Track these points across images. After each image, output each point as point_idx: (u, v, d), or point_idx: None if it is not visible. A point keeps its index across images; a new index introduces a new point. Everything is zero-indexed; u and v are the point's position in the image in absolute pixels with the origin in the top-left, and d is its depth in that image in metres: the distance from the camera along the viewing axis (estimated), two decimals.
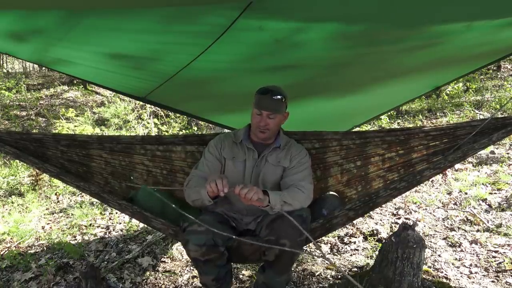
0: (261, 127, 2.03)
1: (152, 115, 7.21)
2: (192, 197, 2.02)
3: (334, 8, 1.56)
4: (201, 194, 1.94)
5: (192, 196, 2.02)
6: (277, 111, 2.02)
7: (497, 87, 8.18)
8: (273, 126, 2.04)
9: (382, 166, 2.35)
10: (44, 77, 10.89)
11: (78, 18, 1.66)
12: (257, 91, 2.04)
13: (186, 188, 2.08)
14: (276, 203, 1.89)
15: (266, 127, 2.03)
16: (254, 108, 2.04)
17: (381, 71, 2.48)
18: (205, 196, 1.92)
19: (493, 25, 1.83)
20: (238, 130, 2.23)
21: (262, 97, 2.00)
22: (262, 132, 2.05)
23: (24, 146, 2.31)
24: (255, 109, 2.03)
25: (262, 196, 1.83)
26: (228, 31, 1.71)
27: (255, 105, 2.03)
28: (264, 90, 2.02)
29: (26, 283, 2.75)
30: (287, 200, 1.94)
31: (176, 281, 2.72)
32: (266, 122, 2.02)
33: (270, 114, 2.01)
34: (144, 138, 2.56)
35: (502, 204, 3.59)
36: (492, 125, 2.04)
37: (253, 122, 2.07)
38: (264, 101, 2.00)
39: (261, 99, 2.00)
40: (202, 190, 1.93)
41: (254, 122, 2.06)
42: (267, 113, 2.00)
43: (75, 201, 4.37)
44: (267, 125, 2.02)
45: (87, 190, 2.21)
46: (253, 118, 2.07)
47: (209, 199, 1.93)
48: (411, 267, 2.26)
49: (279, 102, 2.00)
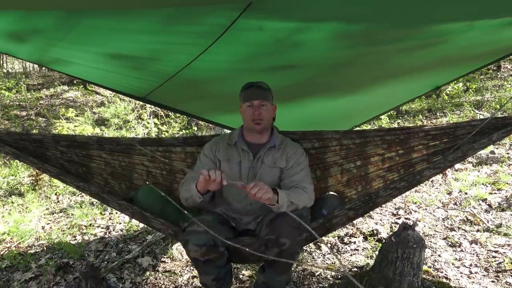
0: (255, 118, 2.04)
1: (152, 115, 7.21)
2: (184, 196, 2.03)
3: (334, 8, 1.56)
4: (191, 190, 1.95)
5: (184, 195, 2.04)
6: (267, 98, 2.05)
7: (497, 87, 8.18)
8: (266, 115, 2.06)
9: (382, 166, 2.35)
10: (44, 77, 10.90)
11: (78, 18, 1.66)
12: (241, 89, 2.10)
13: (180, 189, 2.09)
14: (284, 203, 1.90)
15: (260, 116, 2.04)
16: (242, 104, 2.08)
17: (381, 70, 2.48)
18: (194, 191, 1.93)
19: (493, 24, 1.83)
20: (232, 132, 2.24)
21: (248, 91, 2.06)
22: (258, 124, 2.06)
23: (24, 146, 2.32)
24: (245, 103, 2.06)
25: (272, 195, 1.83)
26: (228, 31, 1.71)
27: (244, 100, 2.06)
28: (248, 84, 2.08)
29: (26, 283, 2.75)
30: (293, 200, 1.95)
31: (176, 281, 2.72)
32: (259, 111, 2.04)
33: (261, 101, 2.04)
34: (144, 140, 2.57)
35: (502, 204, 3.59)
36: (492, 125, 2.04)
37: (246, 118, 2.08)
38: (251, 92, 2.04)
39: (248, 92, 2.05)
40: (192, 186, 1.94)
41: (247, 116, 2.07)
42: (258, 102, 2.03)
43: (75, 201, 4.37)
44: (260, 114, 2.04)
45: (87, 191, 2.21)
46: (245, 115, 2.08)
47: (199, 195, 1.93)
48: (411, 267, 2.26)
49: (266, 90, 2.06)
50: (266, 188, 1.80)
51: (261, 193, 1.77)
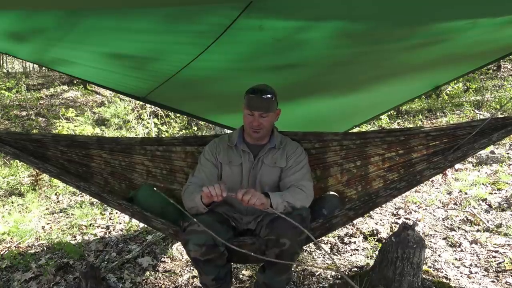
0: (254, 127, 2.04)
1: (152, 115, 7.21)
2: (189, 205, 2.03)
3: (336, 7, 1.56)
4: (195, 202, 1.96)
5: (188, 204, 2.04)
6: (269, 110, 2.03)
7: (497, 87, 8.18)
8: (266, 125, 2.05)
9: (382, 166, 2.35)
10: (44, 77, 10.90)
11: (78, 18, 1.66)
12: (247, 91, 2.05)
13: (183, 196, 2.09)
14: (278, 205, 1.91)
15: (259, 126, 2.04)
16: (245, 108, 2.05)
17: (383, 69, 2.48)
18: (199, 203, 1.94)
19: (495, 22, 1.82)
20: (232, 133, 2.24)
21: (252, 98, 2.01)
22: (256, 132, 2.06)
23: (24, 146, 2.32)
24: (246, 109, 2.04)
25: (265, 200, 1.86)
26: (228, 31, 1.70)
27: (246, 106, 2.04)
28: (254, 90, 2.02)
29: (26, 283, 2.75)
30: (289, 200, 1.95)
31: (176, 281, 2.72)
32: (258, 122, 2.03)
33: (262, 113, 2.02)
34: (144, 140, 2.57)
35: (502, 204, 3.59)
36: (492, 125, 2.04)
37: (246, 123, 2.08)
38: (254, 101, 2.00)
39: (251, 99, 2.01)
40: (196, 198, 1.95)
41: (247, 122, 2.07)
42: (259, 113, 2.01)
43: (75, 201, 4.37)
44: (260, 124, 2.03)
45: (87, 190, 2.21)
46: (245, 119, 2.08)
47: (204, 206, 1.95)
48: (411, 267, 2.26)
49: (270, 100, 2.01)
50: (258, 195, 1.84)
51: (253, 200, 1.81)
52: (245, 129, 2.14)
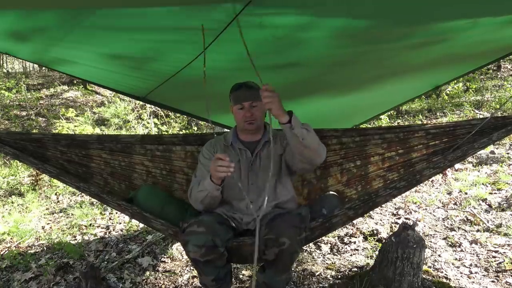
0: (248, 119, 2.05)
1: (152, 115, 7.22)
2: (200, 197, 2.00)
3: (337, 4, 1.56)
4: (205, 186, 1.94)
5: (199, 196, 2.00)
6: (257, 98, 2.01)
7: (497, 87, 8.18)
8: (258, 115, 2.07)
9: (382, 165, 2.35)
10: (44, 77, 10.90)
11: (78, 18, 1.66)
12: (230, 91, 2.09)
13: (191, 194, 2.07)
14: (297, 125, 1.83)
15: (253, 117, 2.05)
16: (233, 106, 2.08)
17: (383, 69, 2.47)
18: (211, 185, 1.90)
19: (496, 22, 1.82)
20: (226, 134, 2.25)
21: (237, 92, 2.05)
22: (251, 123, 2.07)
23: (24, 147, 2.31)
24: (236, 105, 2.06)
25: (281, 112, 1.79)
26: (228, 29, 1.70)
27: (234, 102, 2.06)
28: (237, 85, 2.07)
29: (26, 283, 2.75)
30: (308, 128, 1.88)
31: (176, 281, 2.72)
32: (250, 112, 2.04)
33: (252, 102, 2.04)
34: (144, 138, 2.56)
35: (502, 204, 3.59)
36: (492, 124, 2.03)
37: (238, 119, 2.10)
38: (242, 94, 2.04)
39: (238, 93, 2.05)
40: (206, 182, 1.93)
41: (239, 118, 2.08)
42: (248, 103, 2.03)
43: (75, 201, 4.37)
44: (252, 115, 2.05)
45: (86, 191, 2.21)
46: (237, 116, 2.09)
47: (216, 186, 1.91)
48: (411, 267, 2.26)
49: (256, 90, 2.03)
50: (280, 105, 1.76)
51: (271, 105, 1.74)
52: (239, 126, 2.16)
